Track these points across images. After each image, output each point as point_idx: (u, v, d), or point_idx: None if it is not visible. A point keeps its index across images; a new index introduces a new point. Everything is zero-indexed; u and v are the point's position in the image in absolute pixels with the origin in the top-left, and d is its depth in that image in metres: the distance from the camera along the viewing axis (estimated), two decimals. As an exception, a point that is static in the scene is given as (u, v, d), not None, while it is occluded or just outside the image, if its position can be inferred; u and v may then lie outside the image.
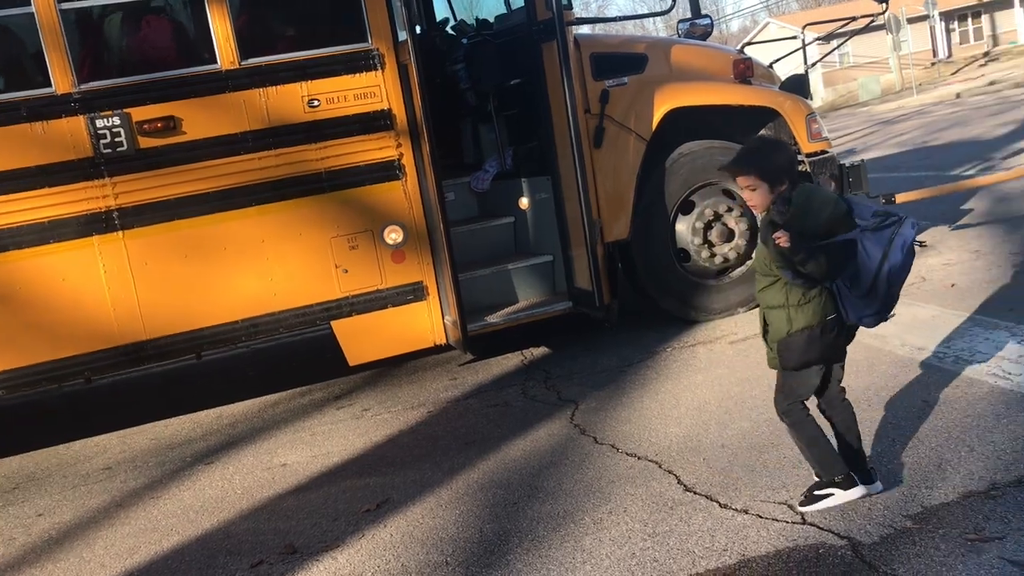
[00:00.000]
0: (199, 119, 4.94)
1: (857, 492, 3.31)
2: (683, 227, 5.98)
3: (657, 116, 5.78)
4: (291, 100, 5.08)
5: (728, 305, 6.12)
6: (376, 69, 5.17)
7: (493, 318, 5.61)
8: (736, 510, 3.46)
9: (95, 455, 5.44)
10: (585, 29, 6.82)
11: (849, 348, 3.39)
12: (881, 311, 3.19)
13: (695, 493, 3.67)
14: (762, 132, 6.48)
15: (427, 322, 5.43)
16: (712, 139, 6.01)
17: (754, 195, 3.12)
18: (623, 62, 5.87)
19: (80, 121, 4.75)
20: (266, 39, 5.15)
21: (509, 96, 6.25)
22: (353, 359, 5.39)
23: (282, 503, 4.27)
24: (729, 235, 6.01)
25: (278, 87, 5.05)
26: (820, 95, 50.02)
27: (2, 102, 4.67)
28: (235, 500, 4.38)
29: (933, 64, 45.57)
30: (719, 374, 5.05)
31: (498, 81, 6.25)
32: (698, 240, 5.97)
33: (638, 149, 5.79)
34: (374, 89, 5.19)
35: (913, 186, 9.18)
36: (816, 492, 3.35)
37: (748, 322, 5.96)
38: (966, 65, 44.10)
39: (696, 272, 6.05)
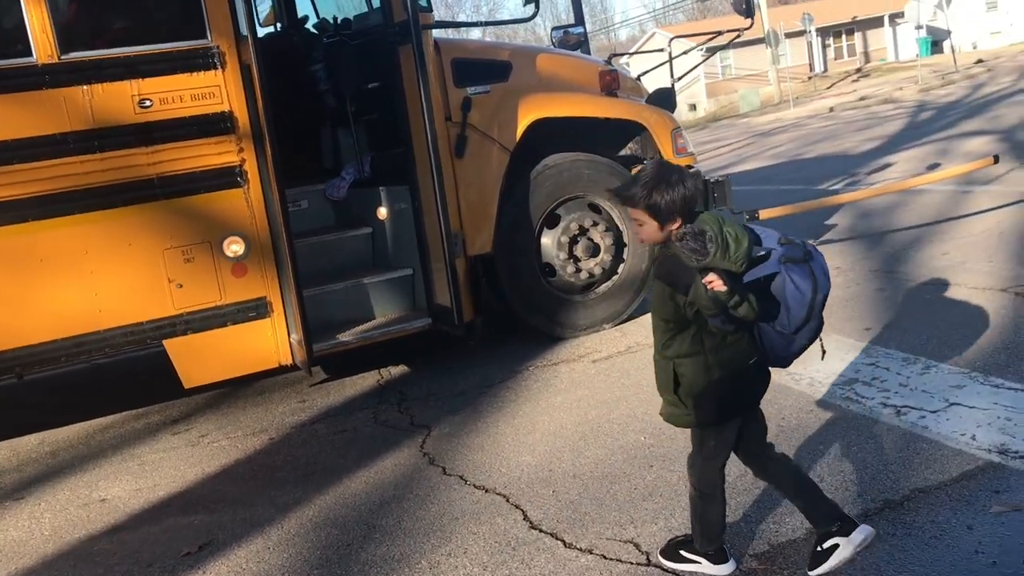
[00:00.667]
0: (11, 117, 4.43)
1: (726, 569, 2.97)
2: (548, 241, 5.79)
3: (521, 126, 5.57)
4: (119, 99, 4.63)
5: (594, 321, 5.96)
6: (216, 68, 4.77)
7: (345, 336, 5.28)
8: (580, 549, 3.25)
9: None
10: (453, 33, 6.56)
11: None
12: (805, 346, 2.89)
13: (540, 531, 3.45)
14: (629, 147, 6.38)
15: (271, 341, 5.06)
16: (578, 151, 5.83)
17: (642, 229, 2.77)
18: (486, 69, 5.63)
19: None
20: (91, 31, 4.68)
21: (369, 100, 5.93)
22: (188, 381, 4.97)
23: (93, 546, 3.85)
24: (595, 250, 5.85)
25: (104, 85, 4.59)
26: (703, 105, 51.37)
27: None
28: (39, 544, 3.93)
29: (810, 78, 47.31)
30: (579, 396, 4.86)
31: (355, 84, 5.92)
32: (563, 255, 5.78)
33: (501, 160, 5.56)
34: (214, 90, 4.79)
35: (785, 199, 9.29)
36: (682, 552, 3.04)
37: (612, 339, 5.81)
38: (840, 80, 45.91)
39: (562, 287, 5.86)
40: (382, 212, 5.71)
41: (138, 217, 4.73)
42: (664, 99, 6.28)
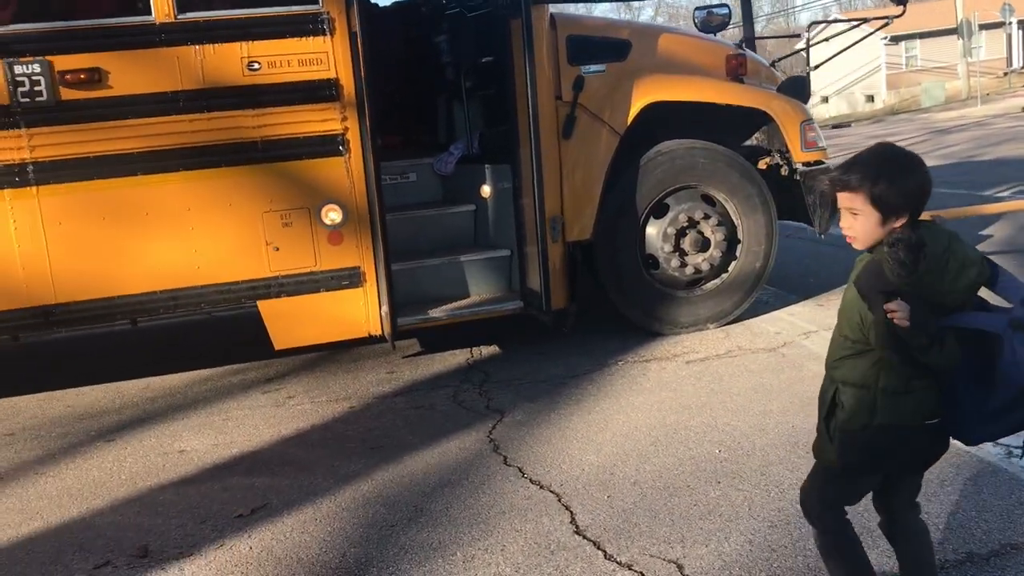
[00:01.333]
0: (128, 74, 4.60)
1: None
2: (654, 231, 5.54)
3: (635, 109, 5.33)
4: (229, 61, 4.71)
5: (697, 319, 5.68)
6: (325, 34, 4.78)
7: (435, 312, 5.24)
8: (619, 563, 3.07)
9: (5, 418, 5.19)
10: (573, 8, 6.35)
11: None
12: (1006, 433, 2.32)
13: (584, 537, 3.28)
14: (755, 137, 6.01)
15: (362, 310, 5.07)
16: (695, 139, 5.54)
17: (855, 222, 2.20)
18: (603, 47, 5.41)
19: (-3, 66, 4.45)
20: (208, -7, 4.79)
21: (485, 74, 5.83)
22: (279, 342, 5.06)
23: (160, 496, 3.97)
24: (704, 244, 5.55)
25: (216, 46, 4.68)
26: (882, 97, 48.61)
27: (-88, 40, 4.38)
28: (114, 487, 4.08)
29: (1005, 74, 43.89)
30: (662, 397, 4.63)
31: (471, 57, 5.83)
32: (668, 247, 5.52)
33: (610, 143, 5.34)
34: (321, 56, 4.80)
35: (940, 204, 8.60)
36: None
37: (713, 340, 5.52)
38: (1041, 78, 42.39)
39: (664, 281, 5.61)
40: (485, 190, 5.62)
41: (240, 178, 4.82)
42: (797, 88, 5.87)
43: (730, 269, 5.67)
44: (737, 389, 4.65)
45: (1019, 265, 6.67)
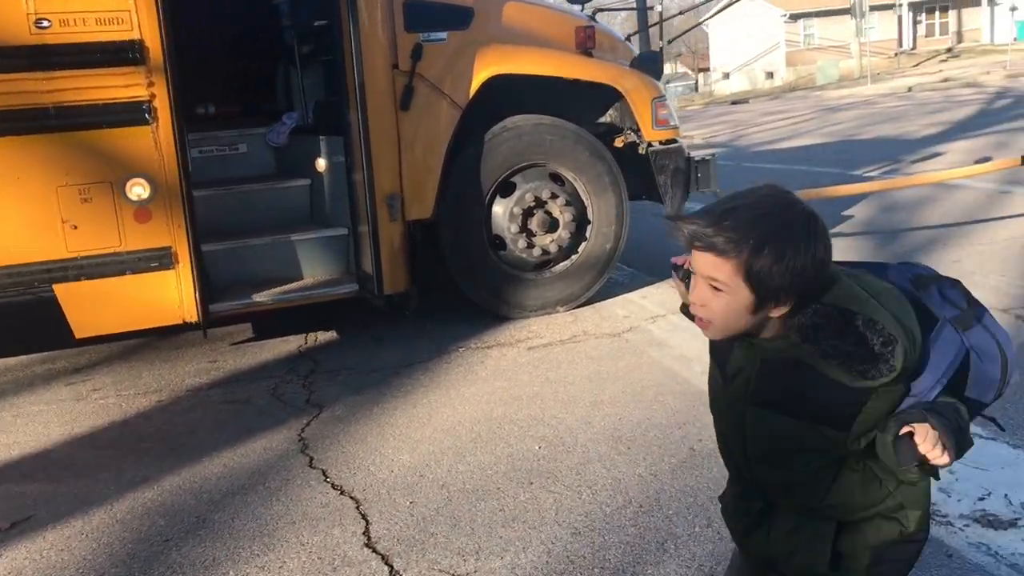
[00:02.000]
0: None
1: None
2: (500, 211, 5.25)
3: (476, 81, 5.01)
4: (13, 16, 4.19)
5: (545, 303, 5.43)
6: (125, -10, 4.32)
7: (259, 296, 4.85)
8: (403, 581, 2.79)
9: None
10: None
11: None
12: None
13: (373, 550, 2.99)
14: (609, 114, 5.77)
15: (175, 295, 4.64)
16: (543, 115, 5.26)
17: (713, 300, 1.54)
18: (444, 14, 5.06)
19: None
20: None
21: (322, 39, 5.42)
22: (80, 331, 4.59)
23: (-88, 506, 3.52)
24: (552, 225, 5.30)
25: (-5, -1, 4.17)
26: (780, 74, 49.50)
27: None
28: None
29: (896, 54, 45.16)
30: (495, 387, 4.36)
31: (308, 20, 5.41)
32: (515, 227, 5.24)
33: (452, 117, 5.02)
34: (122, 15, 4.32)
35: (811, 183, 8.57)
36: None
37: (560, 324, 5.28)
38: (928, 59, 43.77)
39: (512, 263, 5.33)
40: (320, 163, 5.24)
41: (29, 149, 4.32)
42: (649, 64, 5.63)
43: (580, 250, 5.44)
44: (573, 377, 4.42)
45: (875, 245, 6.64)
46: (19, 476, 3.75)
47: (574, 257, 5.44)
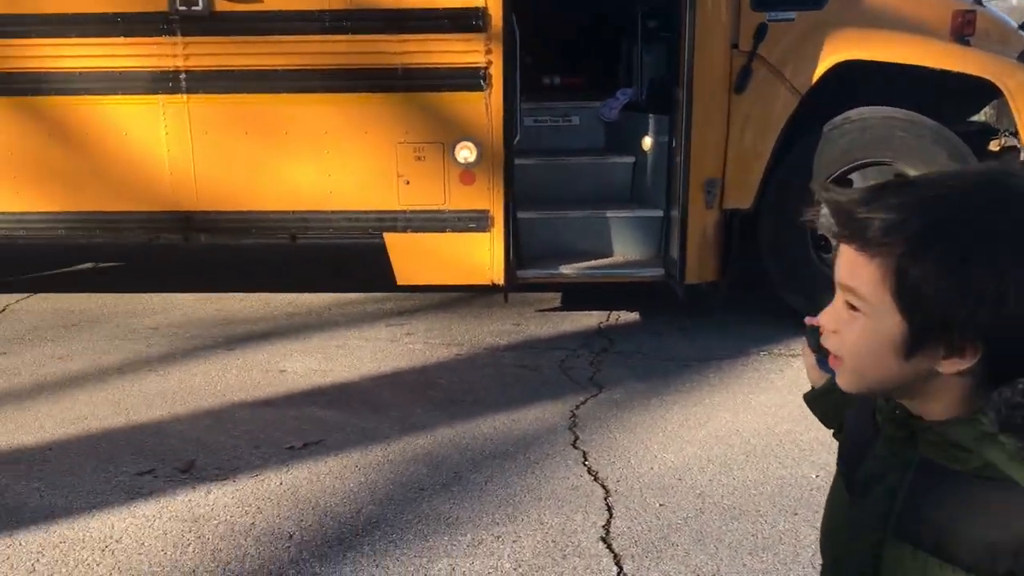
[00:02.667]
0: (278, -12, 4.58)
1: None
2: (830, 209, 4.80)
3: (823, 66, 4.59)
4: (377, -19, 4.56)
5: (870, 316, 4.90)
6: (476, -42, 4.49)
7: (567, 268, 4.89)
8: (625, 588, 2.67)
9: (161, 311, 5.50)
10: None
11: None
12: None
13: (608, 546, 2.90)
14: (984, 112, 5.04)
15: (487, 257, 4.82)
16: (895, 107, 4.71)
17: (849, 323, 1.01)
18: (796, -7, 4.69)
19: (160, -28, 4.57)
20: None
21: (669, 15, 5.27)
22: (401, 278, 4.93)
23: (236, 412, 4.00)
24: (889, 231, 4.75)
25: (366, -36, 4.54)
26: None
27: (87, -56, 4.58)
28: (205, 396, 4.17)
29: None
30: (787, 401, 4.03)
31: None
32: (846, 229, 4.77)
33: (788, 103, 4.65)
34: (470, -20, 4.53)
35: None
36: None
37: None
38: None
39: (837, 268, 4.87)
40: (647, 142, 5.13)
41: (378, 106, 4.69)
42: (1042, 58, 4.81)
43: (920, 263, 4.83)
44: (879, 406, 3.95)
45: None
46: (324, 402, 4.12)
47: (911, 270, 4.84)
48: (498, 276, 4.83)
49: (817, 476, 3.32)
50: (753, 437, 3.67)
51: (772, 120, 4.67)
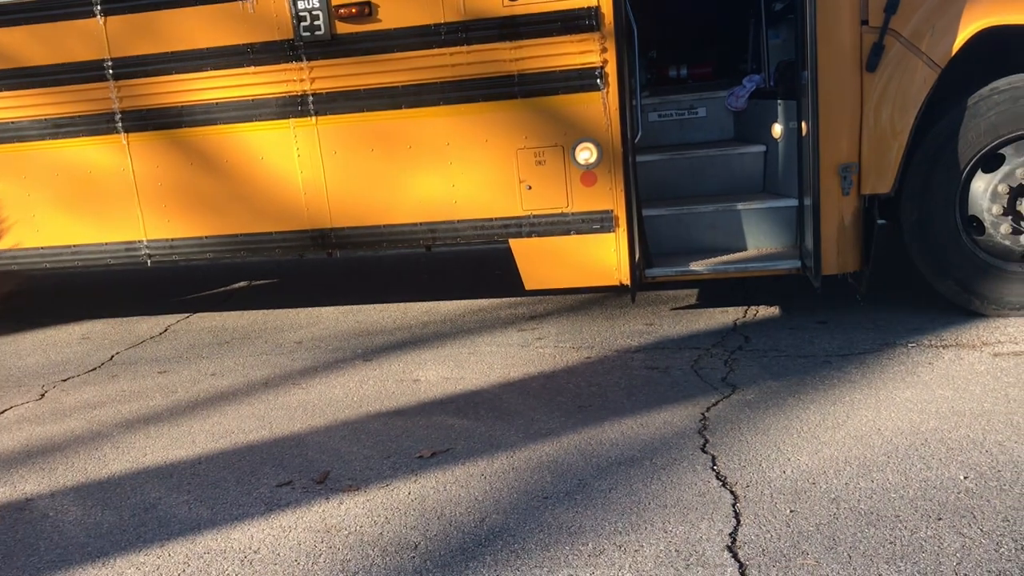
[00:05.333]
0: (394, 6, 4.67)
1: None
2: (980, 187, 4.46)
3: (964, 35, 4.27)
4: (490, -9, 4.59)
5: (1032, 301, 4.54)
6: (587, -42, 4.44)
7: (696, 265, 4.76)
8: (755, 600, 2.57)
9: (306, 326, 5.75)
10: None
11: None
12: None
13: (733, 555, 2.79)
14: None
15: (614, 257, 4.76)
16: (1051, 74, 4.33)
17: None
18: (930, -41, 4.39)
19: (284, 1, 4.75)
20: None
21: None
22: (529, 282, 4.95)
23: (371, 423, 4.12)
24: (1050, 208, 4.38)
25: (476, -25, 4.58)
26: None
27: (217, -20, 4.82)
28: (343, 408, 4.31)
29: None
30: (936, 396, 3.77)
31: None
32: (999, 208, 4.43)
33: (927, 78, 4.35)
34: (582, -19, 4.48)
35: None
36: None
37: (1047, 330, 4.38)
38: None
39: (992, 250, 4.52)
40: (776, 129, 4.93)
41: (496, 114, 4.72)
42: None
43: (1088, 241, 4.43)
44: (1041, 399, 3.65)
45: None
46: (453, 409, 4.18)
47: (1081, 248, 4.45)
48: (625, 276, 4.77)
49: (966, 478, 3.09)
50: (896, 436, 3.46)
51: (910, 98, 4.39)
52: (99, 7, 4.94)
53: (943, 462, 3.23)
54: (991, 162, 4.45)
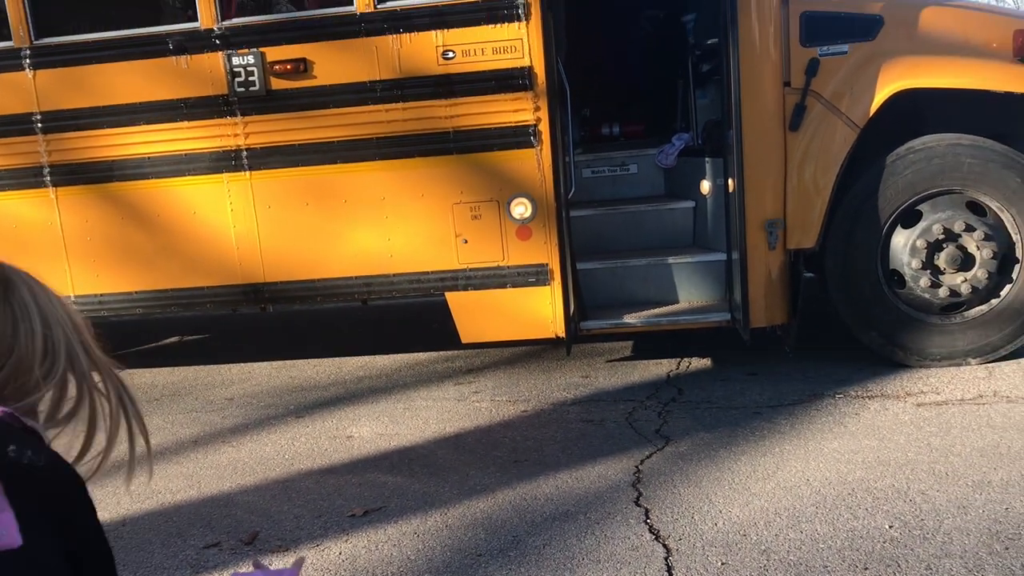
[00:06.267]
0: (330, 64, 4.71)
1: None
2: (900, 242, 4.62)
3: (880, 97, 4.46)
4: (425, 50, 4.65)
5: (952, 352, 4.68)
6: (520, 20, 4.54)
7: (631, 317, 4.83)
8: (687, 654, 2.56)
9: (238, 382, 5.66)
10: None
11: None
12: None
13: (666, 611, 2.80)
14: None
15: (549, 310, 4.80)
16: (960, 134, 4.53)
17: None
18: (846, 25, 4.58)
19: (219, 57, 4.76)
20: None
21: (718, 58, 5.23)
22: (466, 336, 4.96)
23: (301, 482, 4.05)
24: (965, 262, 4.55)
25: (412, 35, 4.63)
26: None
27: (151, 35, 4.81)
28: (273, 466, 4.24)
29: None
30: (862, 446, 3.86)
31: (703, 38, 5.25)
32: (917, 263, 4.59)
33: (846, 138, 4.53)
34: (515, 43, 4.57)
35: None
36: None
37: (966, 380, 4.52)
38: None
39: (913, 303, 4.68)
40: (705, 186, 5.06)
41: (432, 169, 4.77)
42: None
43: (1002, 294, 4.60)
44: (961, 448, 3.75)
45: None
46: (387, 466, 4.14)
47: (994, 301, 4.62)
48: (560, 329, 4.81)
49: (891, 527, 3.16)
50: (824, 486, 3.52)
51: (831, 156, 4.56)
52: (28, 60, 4.88)
53: (869, 512, 3.29)
54: (909, 218, 4.62)
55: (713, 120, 5.19)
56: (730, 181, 4.57)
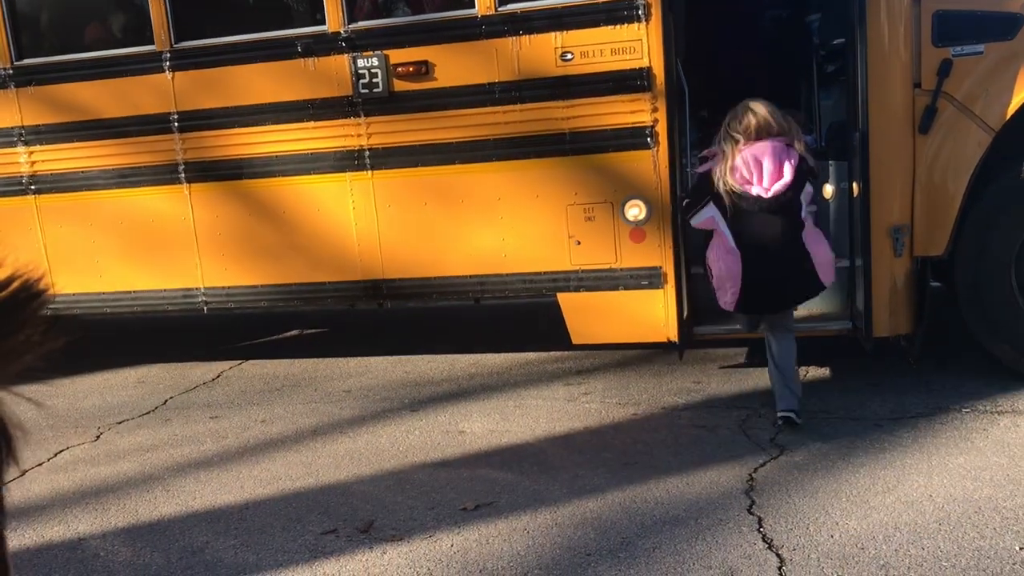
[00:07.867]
0: (450, 65, 4.80)
1: None
2: (1039, 252, 4.41)
3: (1018, 100, 4.26)
4: (543, 51, 4.68)
5: (1091, 368, 4.43)
6: (639, 21, 4.52)
7: (743, 324, 4.74)
8: (800, 667, 2.52)
9: (355, 375, 5.81)
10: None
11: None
12: None
13: (779, 622, 2.75)
14: None
15: (661, 314, 4.77)
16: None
17: None
18: (983, 24, 4.38)
19: (345, 60, 4.91)
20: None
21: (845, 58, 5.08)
22: (576, 337, 4.96)
23: (415, 474, 4.14)
24: (1106, 274, 4.30)
25: (531, 36, 4.67)
26: None
27: (281, 38, 5.00)
28: (389, 458, 4.35)
29: None
30: (990, 463, 3.69)
31: (829, 37, 5.11)
32: (1056, 272, 4.37)
33: (980, 141, 4.34)
34: (634, 44, 4.56)
35: None
36: None
37: (1109, 398, 4.27)
38: None
39: (1049, 315, 4.45)
40: (828, 190, 4.91)
41: (547, 170, 4.79)
42: None
43: None
44: (1101, 469, 3.54)
45: None
46: (498, 462, 4.19)
47: None
48: (673, 333, 4.76)
49: (1022, 549, 3.01)
50: (948, 503, 3.39)
51: (963, 161, 4.37)
52: (168, 63, 5.14)
53: (997, 531, 3.15)
54: (1049, 225, 4.39)
55: (837, 122, 5.04)
56: (855, 185, 4.43)
